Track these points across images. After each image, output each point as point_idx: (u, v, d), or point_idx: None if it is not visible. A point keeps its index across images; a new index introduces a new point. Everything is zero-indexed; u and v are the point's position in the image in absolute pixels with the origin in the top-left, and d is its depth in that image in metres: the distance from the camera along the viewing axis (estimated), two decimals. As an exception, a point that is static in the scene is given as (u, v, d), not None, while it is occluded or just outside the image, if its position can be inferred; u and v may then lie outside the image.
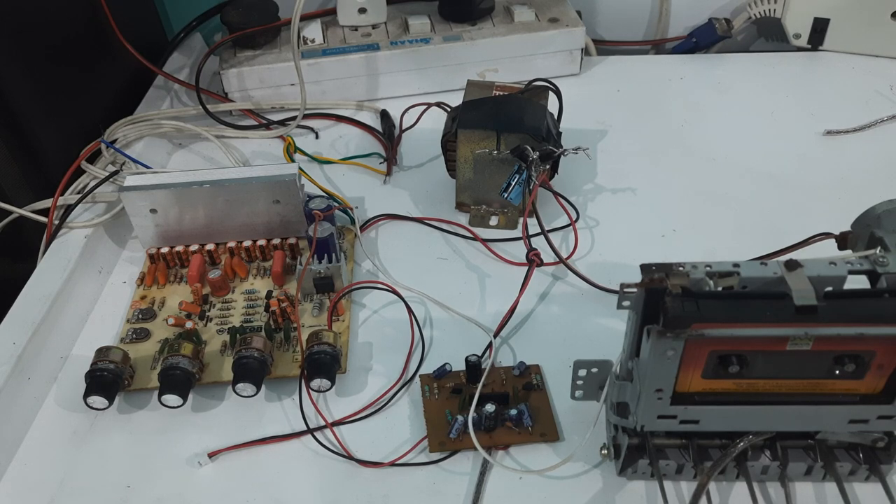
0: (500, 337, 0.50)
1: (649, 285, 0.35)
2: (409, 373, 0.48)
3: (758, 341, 0.34)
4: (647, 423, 0.38)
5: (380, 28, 0.75)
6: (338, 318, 0.51)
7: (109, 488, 0.43)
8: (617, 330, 0.40)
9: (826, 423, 0.38)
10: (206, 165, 0.67)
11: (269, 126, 0.71)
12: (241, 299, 0.53)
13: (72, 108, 0.65)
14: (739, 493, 0.41)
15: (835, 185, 0.62)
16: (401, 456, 0.43)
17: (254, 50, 0.73)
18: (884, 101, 0.71)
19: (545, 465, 0.42)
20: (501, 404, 0.45)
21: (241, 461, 0.44)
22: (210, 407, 0.47)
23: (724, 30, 0.79)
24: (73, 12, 0.66)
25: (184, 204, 0.54)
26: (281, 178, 0.54)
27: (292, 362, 0.48)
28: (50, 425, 0.47)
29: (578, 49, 0.75)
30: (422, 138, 0.68)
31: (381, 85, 0.74)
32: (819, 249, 0.47)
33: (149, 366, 0.48)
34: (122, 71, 0.72)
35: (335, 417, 0.46)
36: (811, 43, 0.78)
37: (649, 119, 0.71)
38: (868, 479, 0.41)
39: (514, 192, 0.55)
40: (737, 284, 0.35)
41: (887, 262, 0.36)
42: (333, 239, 0.52)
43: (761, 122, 0.70)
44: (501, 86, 0.60)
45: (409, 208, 0.61)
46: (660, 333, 0.34)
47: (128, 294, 0.54)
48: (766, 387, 0.37)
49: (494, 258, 0.56)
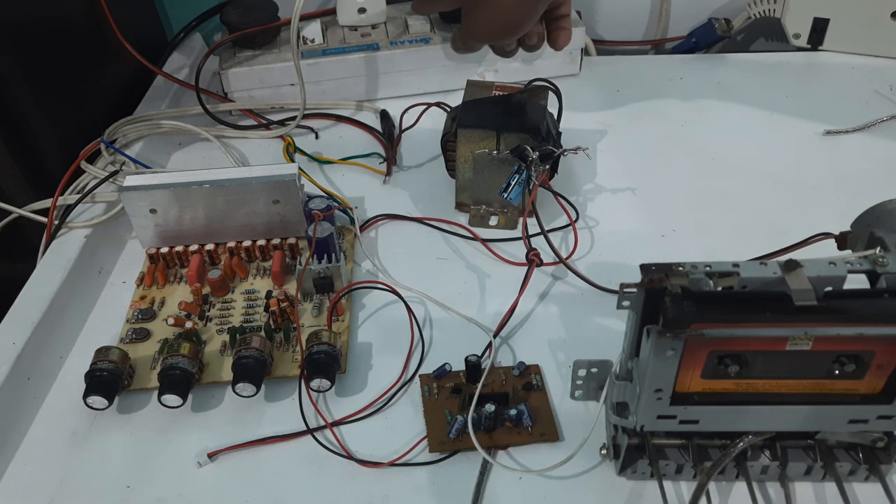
0: (500, 337, 0.50)
1: (649, 285, 0.35)
2: (408, 373, 0.48)
3: (757, 341, 0.34)
4: (646, 423, 0.38)
5: (379, 28, 0.75)
6: (337, 318, 0.51)
7: (109, 488, 0.43)
8: (617, 330, 0.40)
9: (826, 423, 0.38)
10: (205, 165, 0.67)
11: (268, 126, 0.71)
12: (240, 299, 0.53)
13: (71, 107, 0.65)
14: (739, 493, 0.41)
15: (835, 185, 0.62)
16: (401, 456, 0.43)
17: (253, 50, 0.73)
18: (884, 101, 0.71)
19: (545, 465, 0.42)
20: (501, 404, 0.45)
21: (241, 461, 0.44)
22: (210, 407, 0.47)
23: (724, 30, 0.79)
24: (72, 12, 0.66)
25: (183, 204, 0.54)
26: (281, 178, 0.54)
27: (292, 362, 0.48)
28: (49, 425, 0.47)
29: (578, 49, 0.75)
30: (422, 138, 0.68)
31: (380, 85, 0.74)
32: (819, 249, 0.47)
33: (148, 366, 0.48)
34: (121, 71, 0.72)
35: (335, 417, 0.46)
36: (811, 43, 0.78)
37: (649, 119, 0.71)
38: (868, 479, 0.41)
39: (513, 192, 0.55)
40: (737, 284, 0.35)
41: (887, 262, 0.36)
42: (333, 239, 0.52)
43: (761, 121, 0.70)
44: (501, 86, 0.60)
45: (409, 208, 0.61)
46: (660, 333, 0.34)
47: (127, 294, 0.54)
48: (766, 387, 0.37)
49: (494, 258, 0.56)
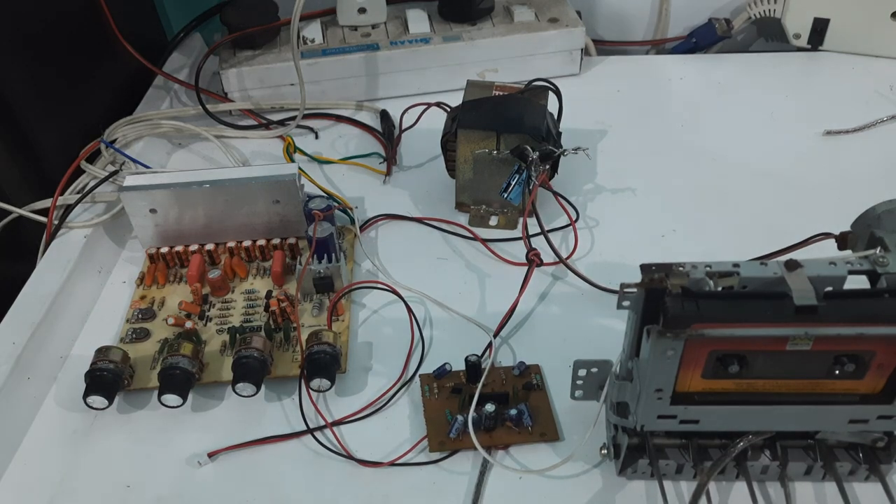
0: (500, 337, 0.50)
1: (649, 285, 0.35)
2: (408, 372, 0.48)
3: (758, 341, 0.34)
4: (646, 423, 0.38)
5: (379, 28, 0.75)
6: (337, 318, 0.51)
7: (109, 488, 0.43)
8: (617, 330, 0.40)
9: (826, 423, 0.38)
10: (205, 165, 0.67)
11: (268, 126, 0.71)
12: (240, 299, 0.53)
13: (71, 107, 0.65)
14: (739, 493, 0.41)
15: (835, 185, 0.62)
16: (401, 456, 0.43)
17: (253, 50, 0.73)
18: (884, 101, 0.71)
19: (545, 464, 0.42)
20: (501, 404, 0.45)
21: (241, 461, 0.44)
22: (210, 407, 0.47)
23: (724, 30, 0.79)
24: (72, 12, 0.66)
25: (183, 204, 0.54)
26: (281, 178, 0.54)
27: (292, 362, 0.48)
28: (50, 425, 0.47)
29: (578, 49, 0.75)
30: (421, 138, 0.68)
31: (380, 85, 0.74)
32: (819, 249, 0.47)
33: (148, 365, 0.48)
34: (121, 71, 0.72)
35: (335, 417, 0.46)
36: (811, 43, 0.78)
37: (649, 119, 0.71)
38: (868, 479, 0.41)
39: (513, 192, 0.55)
40: (737, 284, 0.35)
41: (887, 262, 0.36)
42: (333, 239, 0.52)
43: (761, 122, 0.70)
44: (501, 86, 0.60)
45: (409, 208, 0.61)
46: (660, 333, 0.34)
47: (127, 294, 0.54)
48: (766, 387, 0.37)
49: (494, 258, 0.56)
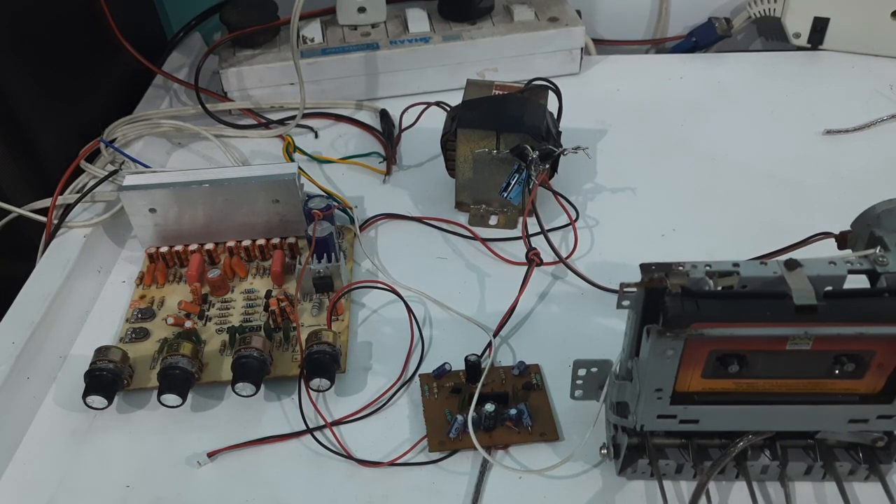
0: (500, 336, 0.50)
1: (649, 285, 0.35)
2: (408, 372, 0.48)
3: (757, 341, 0.34)
4: (646, 423, 0.38)
5: (379, 27, 0.75)
6: (337, 318, 0.51)
7: (109, 488, 0.43)
8: (617, 330, 0.40)
9: (826, 423, 0.38)
10: (205, 165, 0.67)
11: (268, 125, 0.71)
12: (240, 299, 0.53)
13: (71, 107, 0.65)
14: (739, 492, 0.41)
15: (835, 185, 0.62)
16: (400, 455, 0.43)
17: (253, 49, 0.73)
18: (884, 101, 0.71)
19: (545, 464, 0.42)
20: (501, 404, 0.45)
21: (241, 461, 0.44)
22: (209, 407, 0.47)
23: (724, 29, 0.79)
24: (72, 12, 0.66)
25: (183, 203, 0.54)
26: (280, 178, 0.53)
27: (292, 362, 0.48)
28: (49, 425, 0.47)
29: (578, 48, 0.75)
30: (421, 138, 0.68)
31: (380, 84, 0.74)
32: (819, 249, 0.47)
33: (148, 365, 0.48)
34: (121, 70, 0.72)
35: (335, 417, 0.46)
36: (811, 42, 0.78)
37: (649, 119, 0.71)
38: (868, 479, 0.41)
39: (513, 192, 0.55)
40: (737, 284, 0.35)
41: (887, 261, 0.36)
42: (333, 238, 0.52)
43: (761, 121, 0.70)
44: (501, 85, 0.60)
45: (409, 208, 0.61)
46: (660, 333, 0.34)
47: (127, 293, 0.54)
48: (766, 386, 0.37)
49: (494, 258, 0.56)
